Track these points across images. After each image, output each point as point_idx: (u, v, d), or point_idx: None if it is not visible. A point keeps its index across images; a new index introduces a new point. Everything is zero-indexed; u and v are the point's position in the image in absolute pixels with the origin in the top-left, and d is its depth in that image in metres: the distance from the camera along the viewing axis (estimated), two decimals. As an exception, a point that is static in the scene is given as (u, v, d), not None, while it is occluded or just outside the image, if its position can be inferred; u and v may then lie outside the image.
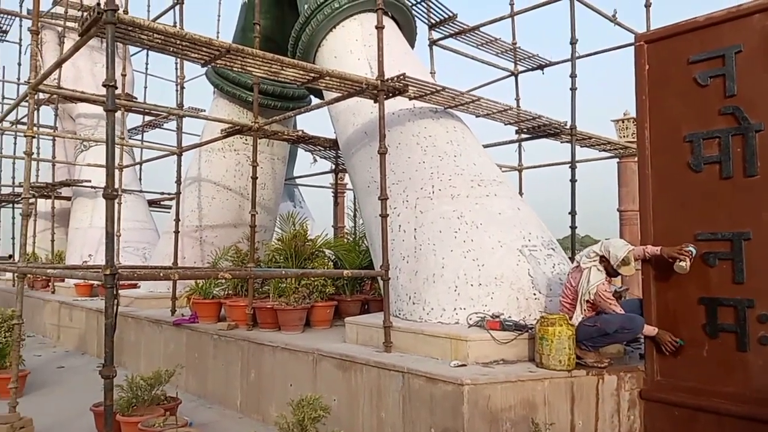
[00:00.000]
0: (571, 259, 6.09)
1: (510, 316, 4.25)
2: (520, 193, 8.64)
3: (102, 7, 3.40)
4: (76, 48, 3.93)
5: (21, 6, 12.42)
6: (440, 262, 4.71)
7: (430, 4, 7.14)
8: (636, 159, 4.20)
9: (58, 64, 4.39)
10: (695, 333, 3.65)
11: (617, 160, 11.11)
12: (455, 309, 4.45)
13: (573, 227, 6.29)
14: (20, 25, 13.32)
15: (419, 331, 4.29)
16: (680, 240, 3.63)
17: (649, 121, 3.95)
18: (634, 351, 4.33)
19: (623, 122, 12.26)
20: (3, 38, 12.34)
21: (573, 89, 6.42)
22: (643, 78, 4.00)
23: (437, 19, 7.49)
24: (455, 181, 5.19)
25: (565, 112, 6.68)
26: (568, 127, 6.29)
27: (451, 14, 7.29)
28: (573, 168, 6.31)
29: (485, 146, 6.90)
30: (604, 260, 3.95)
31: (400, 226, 5.19)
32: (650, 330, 3.76)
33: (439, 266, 4.70)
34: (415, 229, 5.07)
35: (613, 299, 3.90)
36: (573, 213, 6.31)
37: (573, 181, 6.31)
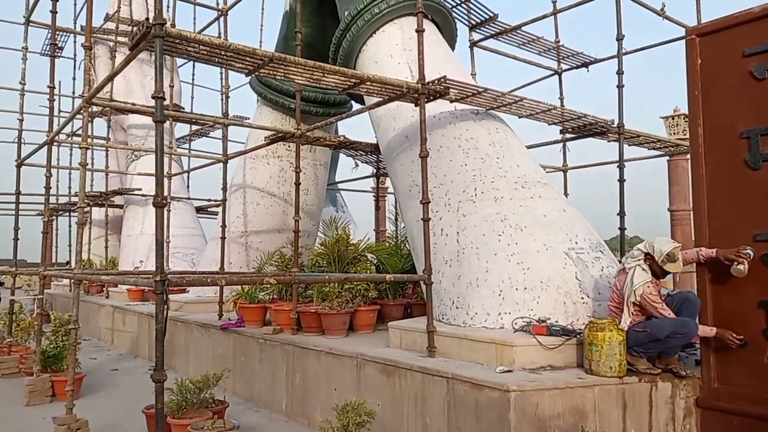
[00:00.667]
0: (620, 262, 5.92)
1: (557, 321, 4.14)
2: (565, 194, 8.44)
3: (151, 21, 3.51)
4: (126, 62, 4.08)
5: (75, 23, 13.02)
6: (484, 265, 4.64)
7: (470, 5, 7.08)
8: (688, 157, 4.04)
9: (110, 78, 4.56)
10: (755, 338, 3.47)
11: (667, 158, 10.73)
12: (500, 313, 4.38)
13: (622, 228, 6.09)
14: (74, 42, 13.95)
15: (463, 335, 4.23)
16: (737, 241, 3.47)
17: (703, 118, 3.79)
18: (689, 357, 4.15)
19: (673, 119, 11.82)
20: (59, 54, 12.92)
21: (620, 86, 6.23)
22: (695, 73, 3.84)
23: (477, 21, 7.42)
24: (498, 183, 5.12)
25: (611, 110, 6.49)
26: (615, 125, 6.11)
27: (491, 15, 7.20)
28: (621, 168, 6.11)
29: (529, 147, 6.78)
30: (649, 258, 3.79)
31: (442, 229, 5.15)
32: (707, 330, 3.58)
33: (482, 270, 4.63)
34: (457, 233, 5.02)
35: (660, 301, 3.73)
36: (622, 214, 6.11)
37: (621, 181, 6.11)
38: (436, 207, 5.20)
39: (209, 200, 13.67)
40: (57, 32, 12.82)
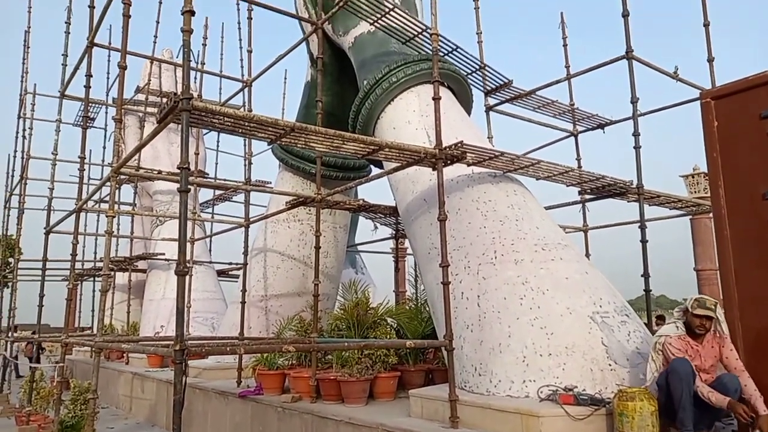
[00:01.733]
0: (647, 324, 5.74)
1: (584, 389, 3.99)
2: (587, 255, 8.34)
3: (179, 95, 3.67)
4: (154, 134, 4.24)
5: (107, 94, 13.65)
6: (506, 330, 4.54)
7: (485, 72, 7.28)
8: (710, 215, 3.99)
9: (138, 149, 4.73)
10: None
11: (690, 217, 10.60)
12: (524, 381, 4.25)
13: (647, 291, 5.95)
14: (106, 112, 14.61)
15: (487, 405, 4.09)
16: (767, 306, 3.36)
17: (723, 179, 3.77)
18: (726, 427, 3.94)
19: (693, 177, 11.79)
20: (91, 125, 13.50)
21: (637, 147, 6.26)
22: (712, 134, 3.86)
23: (492, 86, 7.61)
24: (518, 245, 5.08)
25: (629, 170, 6.51)
26: (634, 186, 6.10)
27: (506, 81, 7.38)
28: (643, 228, 6.04)
29: (547, 208, 6.77)
30: (686, 313, 3.69)
31: (462, 293, 5.09)
32: (720, 399, 3.40)
33: (505, 335, 4.53)
34: (478, 296, 4.95)
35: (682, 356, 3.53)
36: (646, 276, 5.99)
37: (644, 241, 6.03)
38: (456, 270, 5.16)
39: (230, 263, 13.76)
40: (89, 104, 13.46)
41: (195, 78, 11.00)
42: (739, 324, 3.57)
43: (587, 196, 7.20)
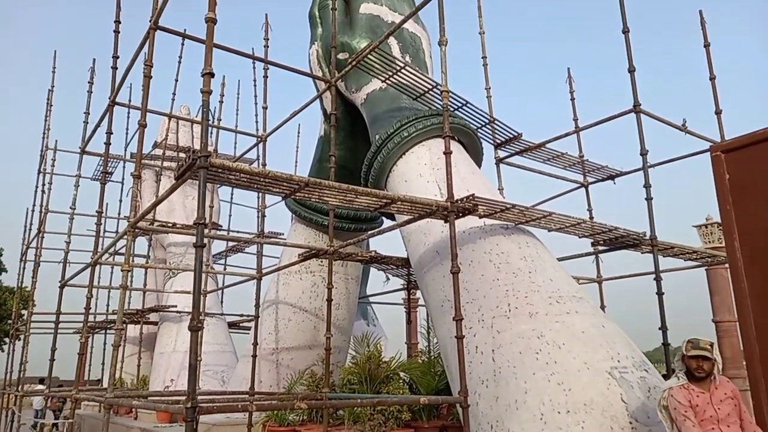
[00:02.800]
0: (666, 377, 5.60)
1: (605, 448, 3.87)
2: (602, 307, 8.23)
3: (197, 152, 3.77)
4: (171, 190, 4.33)
5: (125, 149, 14.02)
6: (522, 386, 4.45)
7: (495, 126, 7.41)
8: (726, 266, 3.96)
9: (155, 205, 4.83)
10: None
11: (705, 267, 10.46)
12: (543, 439, 4.12)
13: (666, 344, 5.83)
14: (124, 167, 14.95)
15: (505, 464, 3.97)
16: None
17: (738, 232, 3.76)
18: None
19: (707, 227, 11.66)
20: (109, 179, 13.82)
21: (648, 199, 6.27)
22: (724, 187, 3.87)
23: (502, 139, 7.72)
24: (532, 298, 5.04)
25: (641, 220, 6.49)
26: (647, 237, 6.07)
27: (515, 134, 7.50)
28: (658, 281, 5.98)
29: (560, 259, 6.74)
30: (684, 359, 3.54)
31: (476, 347, 5.01)
32: None
33: (521, 391, 4.43)
34: (492, 351, 4.87)
35: (685, 407, 3.32)
36: (664, 329, 5.87)
37: (660, 294, 5.95)
38: (470, 323, 5.11)
39: (242, 315, 13.71)
40: (110, 159, 13.81)
41: (211, 133, 11.31)
42: (763, 380, 3.47)
43: (600, 248, 7.16)
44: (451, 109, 6.68)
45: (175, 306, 11.26)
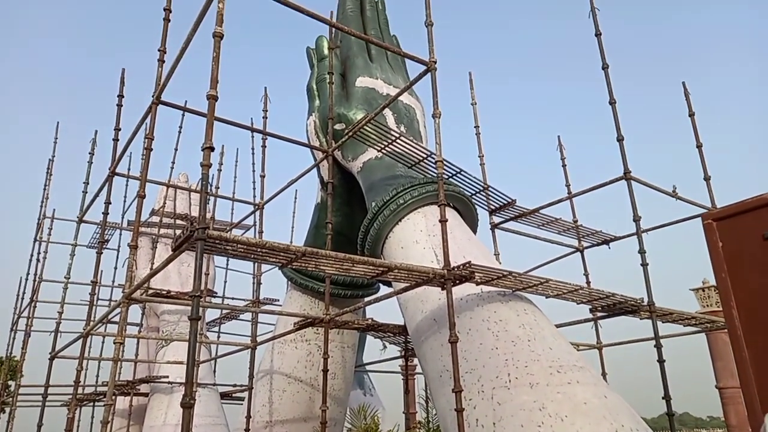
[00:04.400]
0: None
1: None
2: (603, 374, 8.07)
3: (194, 223, 3.81)
4: (168, 261, 4.33)
5: (122, 218, 14.09)
6: (526, 461, 4.30)
7: (489, 192, 7.53)
8: (726, 331, 3.93)
9: (150, 276, 4.81)
10: None
11: (705, 332, 10.38)
12: None
13: (670, 414, 5.68)
14: (120, 235, 14.98)
15: None
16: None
17: (735, 300, 3.75)
18: None
19: (704, 291, 11.69)
20: (105, 247, 13.81)
21: (644, 265, 6.30)
22: (718, 255, 3.89)
23: (496, 205, 7.83)
24: (532, 368, 4.95)
25: (638, 285, 6.50)
26: (645, 303, 6.05)
27: (509, 200, 7.61)
28: (659, 348, 5.90)
29: (559, 326, 6.68)
30: None
31: (477, 420, 4.87)
32: None
33: (525, 467, 4.28)
34: (494, 424, 4.74)
35: None
36: (667, 398, 5.74)
37: (661, 361, 5.86)
38: (469, 395, 4.99)
39: (234, 385, 13.34)
40: (107, 228, 13.83)
41: (209, 200, 11.41)
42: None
43: (599, 314, 7.12)
44: (446, 177, 6.81)
45: (167, 376, 10.97)
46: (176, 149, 13.27)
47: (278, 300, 11.37)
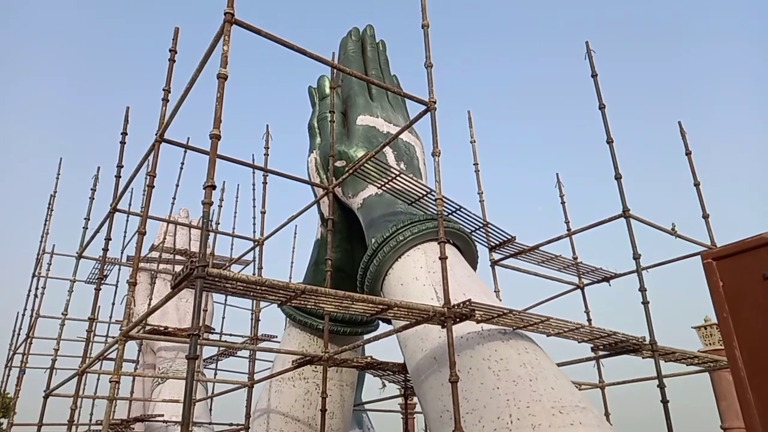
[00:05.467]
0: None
1: None
2: (606, 414, 7.94)
3: (194, 261, 3.81)
4: (167, 299, 4.32)
5: (122, 253, 14.07)
6: (529, 506, 4.19)
7: (489, 229, 7.55)
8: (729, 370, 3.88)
9: (148, 314, 4.78)
10: None
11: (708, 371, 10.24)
12: None
13: (676, 457, 5.57)
14: (119, 270, 14.92)
15: None
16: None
17: (737, 340, 3.72)
18: None
19: (706, 329, 11.58)
20: (104, 282, 13.75)
21: (645, 303, 6.27)
22: (719, 295, 3.88)
23: (496, 242, 7.83)
24: (534, 408, 4.87)
25: (638, 322, 6.45)
26: (647, 342, 6.00)
27: (509, 237, 7.62)
28: (662, 388, 5.82)
29: (560, 364, 6.60)
30: None
31: (479, 462, 4.77)
32: None
33: None
34: (496, 467, 4.64)
35: None
36: (672, 440, 5.64)
37: (665, 402, 5.77)
38: (471, 436, 4.90)
39: (231, 424, 13.07)
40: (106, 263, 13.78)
41: (209, 236, 11.41)
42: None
43: (601, 353, 7.05)
44: (446, 213, 6.84)
45: (162, 415, 10.77)
46: (177, 185, 13.36)
47: (276, 336, 11.26)
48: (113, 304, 15.34)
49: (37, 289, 12.77)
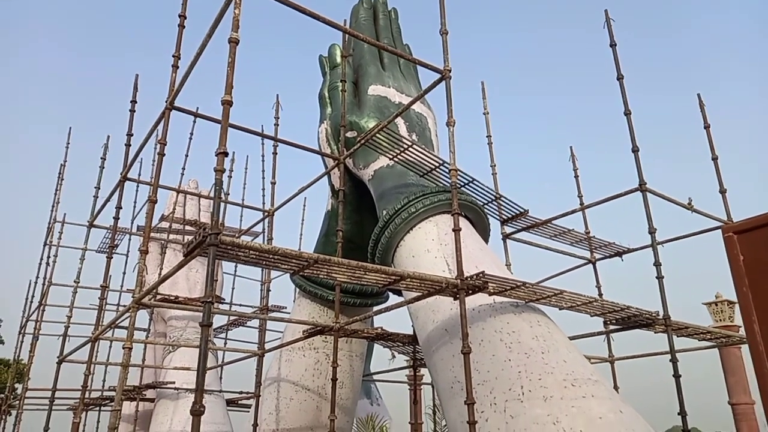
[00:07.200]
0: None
1: None
2: (615, 387, 7.95)
3: (206, 229, 3.77)
4: (179, 266, 4.30)
5: (132, 223, 14.13)
6: (539, 477, 4.21)
7: (501, 202, 7.47)
8: (740, 346, 3.86)
9: (161, 282, 4.77)
10: None
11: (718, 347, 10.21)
12: None
13: (685, 431, 5.56)
14: (129, 240, 15.01)
15: None
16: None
17: (756, 314, 3.66)
18: None
19: (716, 305, 11.51)
20: (115, 251, 13.84)
21: (659, 278, 6.20)
22: (739, 269, 3.80)
23: (508, 216, 7.76)
24: (546, 380, 4.86)
25: (649, 298, 6.40)
26: (660, 317, 5.95)
27: (522, 210, 7.54)
28: (674, 362, 5.80)
29: (571, 338, 6.57)
30: None
31: (489, 432, 4.79)
32: None
33: (538, 482, 4.19)
34: (506, 437, 4.65)
35: None
36: (683, 414, 5.62)
37: (677, 376, 5.75)
38: (481, 407, 4.91)
39: (241, 392, 13.27)
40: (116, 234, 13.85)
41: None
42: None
43: (612, 327, 7.02)
44: (459, 186, 6.75)
45: (173, 382, 10.93)
46: (186, 155, 13.31)
47: (286, 308, 11.32)
48: (124, 273, 15.50)
49: (48, 257, 12.89)
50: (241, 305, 13.88)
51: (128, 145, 6.88)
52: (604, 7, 7.50)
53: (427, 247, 6.78)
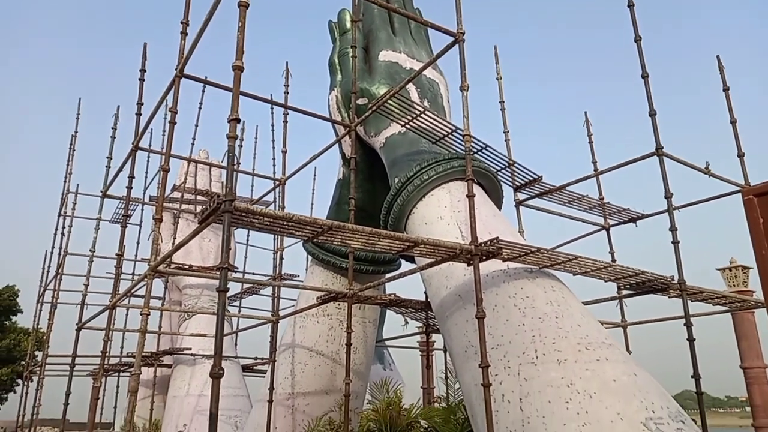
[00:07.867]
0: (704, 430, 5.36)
1: (644, 507, 3.66)
2: (627, 351, 8.00)
3: (220, 197, 3.77)
4: (194, 234, 4.32)
5: (144, 193, 14.21)
6: (553, 438, 4.27)
7: (514, 169, 7.40)
8: (753, 311, 3.84)
9: (176, 249, 4.82)
10: None
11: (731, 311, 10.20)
12: (577, 496, 3.92)
13: (699, 393, 5.60)
14: (142, 210, 15.12)
15: None
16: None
17: (775, 277, 3.63)
18: None
19: (731, 270, 11.45)
20: (128, 222, 13.97)
21: (675, 242, 6.15)
22: (758, 231, 3.74)
23: (522, 182, 7.70)
24: (560, 344, 4.89)
25: (662, 264, 6.36)
26: (675, 281, 5.92)
27: (535, 177, 7.47)
28: (689, 327, 5.80)
29: (585, 303, 6.58)
30: None
31: (503, 395, 4.84)
32: None
33: (552, 443, 4.25)
34: (520, 399, 4.70)
35: None
36: (697, 377, 5.65)
37: (691, 340, 5.75)
38: (495, 370, 4.95)
39: (256, 358, 13.52)
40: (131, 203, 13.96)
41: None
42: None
43: (626, 292, 7.01)
44: (472, 152, 6.68)
45: (190, 348, 11.15)
46: (196, 125, 13.28)
47: (299, 275, 11.43)
48: (138, 243, 15.69)
49: (63, 228, 13.04)
50: (254, 274, 14.04)
51: (138, 114, 6.85)
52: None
53: (440, 214, 6.76)
